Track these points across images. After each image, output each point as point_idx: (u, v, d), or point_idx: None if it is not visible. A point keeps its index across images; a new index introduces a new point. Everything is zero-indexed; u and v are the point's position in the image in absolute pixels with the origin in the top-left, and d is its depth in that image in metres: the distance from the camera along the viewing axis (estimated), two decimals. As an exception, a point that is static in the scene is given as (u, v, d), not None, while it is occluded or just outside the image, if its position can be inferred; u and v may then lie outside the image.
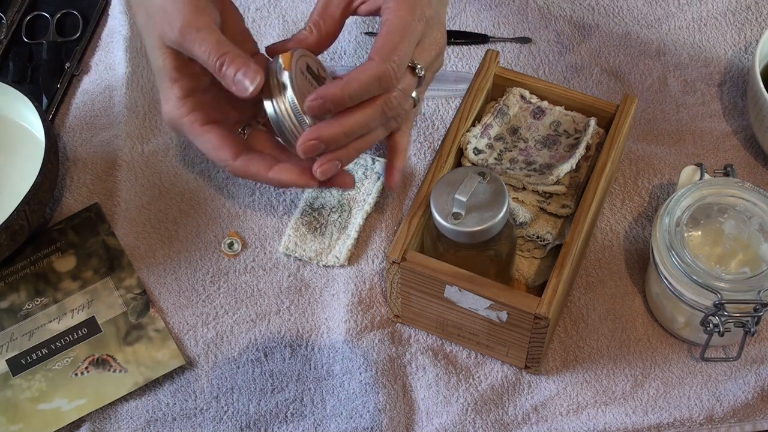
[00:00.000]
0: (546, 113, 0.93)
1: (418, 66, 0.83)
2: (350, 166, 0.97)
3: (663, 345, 0.90)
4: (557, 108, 0.93)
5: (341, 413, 0.87)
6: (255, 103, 0.83)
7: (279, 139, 0.84)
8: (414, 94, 0.84)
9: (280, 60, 0.81)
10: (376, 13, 0.85)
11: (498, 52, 0.93)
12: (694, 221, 0.86)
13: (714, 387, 0.87)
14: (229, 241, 0.95)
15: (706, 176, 0.89)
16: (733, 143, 0.99)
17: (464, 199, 0.79)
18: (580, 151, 0.89)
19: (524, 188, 0.89)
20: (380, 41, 0.80)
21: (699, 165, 0.90)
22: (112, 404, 0.88)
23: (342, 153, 0.83)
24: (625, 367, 0.88)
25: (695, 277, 0.82)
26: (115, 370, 0.89)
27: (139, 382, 0.88)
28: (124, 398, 0.88)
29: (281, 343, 0.90)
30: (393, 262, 0.83)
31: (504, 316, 0.82)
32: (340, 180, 0.85)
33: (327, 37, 0.86)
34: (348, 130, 0.81)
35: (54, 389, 0.89)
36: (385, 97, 0.81)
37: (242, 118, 0.88)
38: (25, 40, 1.08)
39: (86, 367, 0.90)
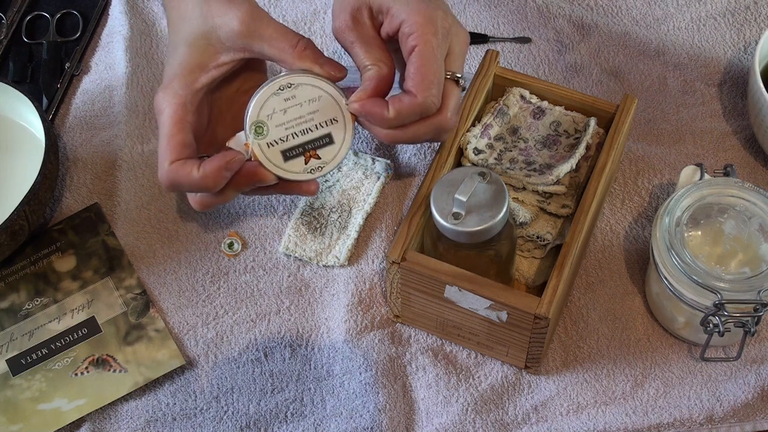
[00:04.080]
0: (546, 113, 0.93)
1: (460, 77, 0.85)
2: (350, 166, 0.97)
3: (663, 345, 0.90)
4: (557, 108, 0.93)
5: (341, 413, 0.87)
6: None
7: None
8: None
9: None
10: (394, 35, 0.85)
11: (498, 52, 0.93)
12: (694, 221, 0.86)
13: (714, 387, 0.87)
14: (229, 241, 0.95)
15: (706, 176, 0.89)
16: (733, 143, 0.99)
17: (464, 199, 0.79)
18: (580, 151, 0.89)
19: (524, 188, 0.89)
20: (416, 73, 0.82)
21: (699, 165, 0.90)
22: (112, 404, 0.88)
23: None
24: (625, 367, 0.88)
25: (695, 277, 0.82)
26: (115, 370, 0.89)
27: (139, 382, 0.88)
28: (124, 398, 0.88)
29: (281, 343, 0.90)
30: (393, 262, 0.83)
31: (504, 316, 0.82)
32: (304, 187, 0.86)
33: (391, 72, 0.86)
34: (399, 138, 0.84)
35: (54, 389, 0.89)
36: (442, 118, 0.84)
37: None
38: (25, 40, 1.08)
39: (86, 367, 0.90)
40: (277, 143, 0.84)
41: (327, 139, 0.85)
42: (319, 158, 0.85)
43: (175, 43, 0.86)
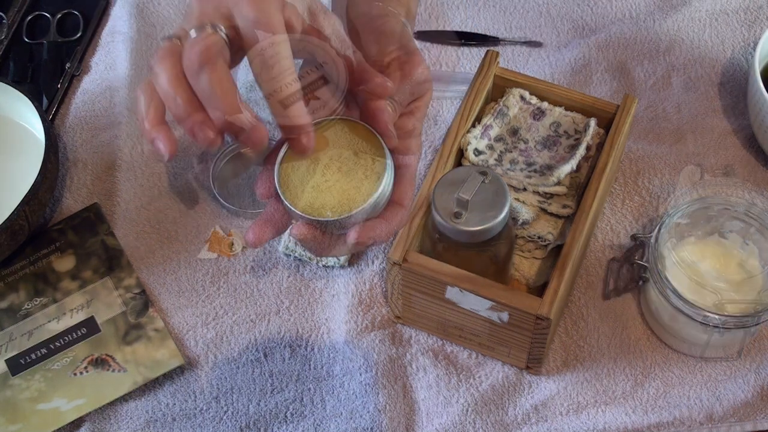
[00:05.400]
0: (546, 114, 0.93)
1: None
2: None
3: (663, 345, 0.90)
4: (557, 109, 0.93)
5: (341, 413, 0.87)
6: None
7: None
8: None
9: None
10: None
11: (498, 52, 0.93)
12: (694, 221, 0.86)
13: (714, 387, 0.87)
14: (229, 241, 0.95)
15: (706, 176, 0.89)
16: (733, 143, 0.99)
17: (468, 198, 0.79)
18: (581, 151, 0.89)
19: (525, 189, 0.89)
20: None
21: (699, 165, 0.90)
22: (112, 404, 0.88)
23: None
24: (625, 367, 0.88)
25: (695, 278, 0.82)
26: (114, 370, 0.89)
27: (139, 382, 0.88)
28: (124, 398, 0.88)
29: (281, 343, 0.90)
30: (394, 263, 0.83)
31: (505, 316, 0.82)
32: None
33: None
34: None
35: (53, 389, 0.89)
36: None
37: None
38: (26, 40, 1.08)
39: (85, 367, 0.90)
40: (272, 95, 0.83)
41: (321, 82, 0.84)
42: (318, 99, 0.84)
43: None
